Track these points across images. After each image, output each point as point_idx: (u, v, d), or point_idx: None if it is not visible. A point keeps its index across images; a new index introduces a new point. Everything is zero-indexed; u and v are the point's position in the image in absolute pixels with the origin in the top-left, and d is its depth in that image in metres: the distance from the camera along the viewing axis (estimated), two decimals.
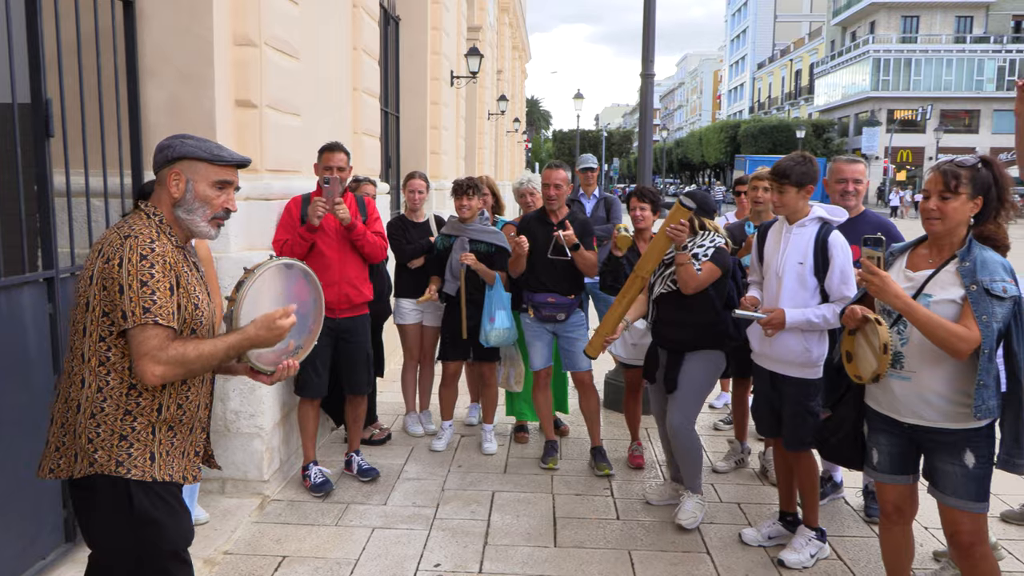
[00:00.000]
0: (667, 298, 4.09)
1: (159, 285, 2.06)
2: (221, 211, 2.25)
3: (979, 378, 2.65)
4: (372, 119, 6.72)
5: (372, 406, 5.35)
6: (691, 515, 4.10)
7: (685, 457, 4.14)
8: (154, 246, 2.08)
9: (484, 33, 16.27)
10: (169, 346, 2.06)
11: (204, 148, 2.21)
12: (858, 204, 4.14)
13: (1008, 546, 3.91)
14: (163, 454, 2.19)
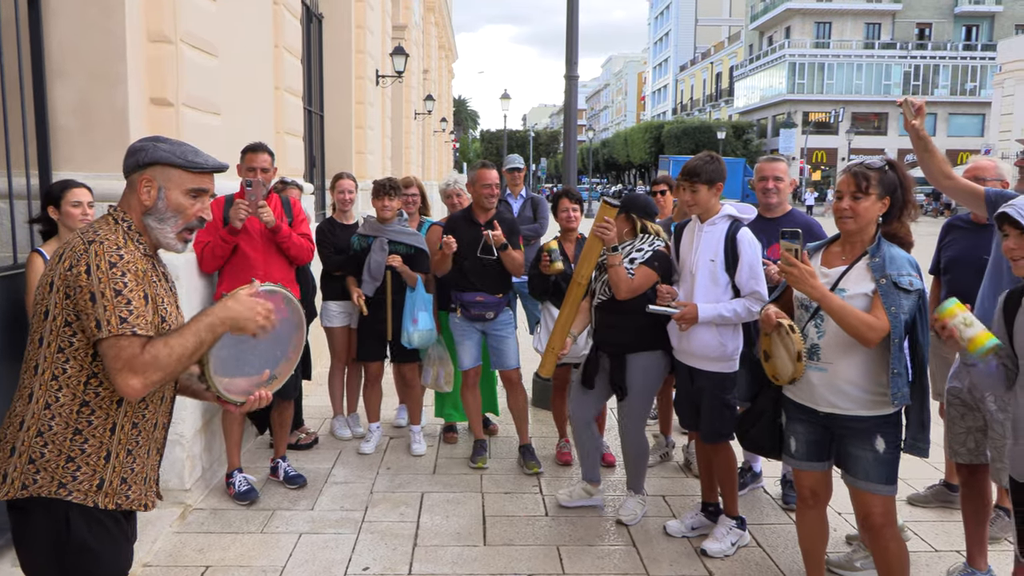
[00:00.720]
0: (607, 302, 4.13)
1: (133, 294, 1.92)
2: (195, 220, 2.09)
3: (892, 367, 2.80)
4: (295, 118, 6.61)
5: (298, 410, 5.26)
6: (632, 512, 4.17)
7: (635, 459, 4.20)
8: (122, 253, 1.94)
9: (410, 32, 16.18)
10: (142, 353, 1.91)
11: (179, 153, 2.05)
12: (781, 202, 4.22)
13: (915, 527, 4.12)
14: (116, 482, 2.03)
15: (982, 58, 51.53)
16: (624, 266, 3.93)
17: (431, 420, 5.79)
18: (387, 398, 5.92)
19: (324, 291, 5.40)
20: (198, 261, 4.29)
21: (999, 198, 3.26)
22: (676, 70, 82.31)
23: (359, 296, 5.01)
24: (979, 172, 4.02)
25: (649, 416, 5.86)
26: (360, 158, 10.30)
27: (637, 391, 4.08)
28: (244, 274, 4.27)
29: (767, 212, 4.19)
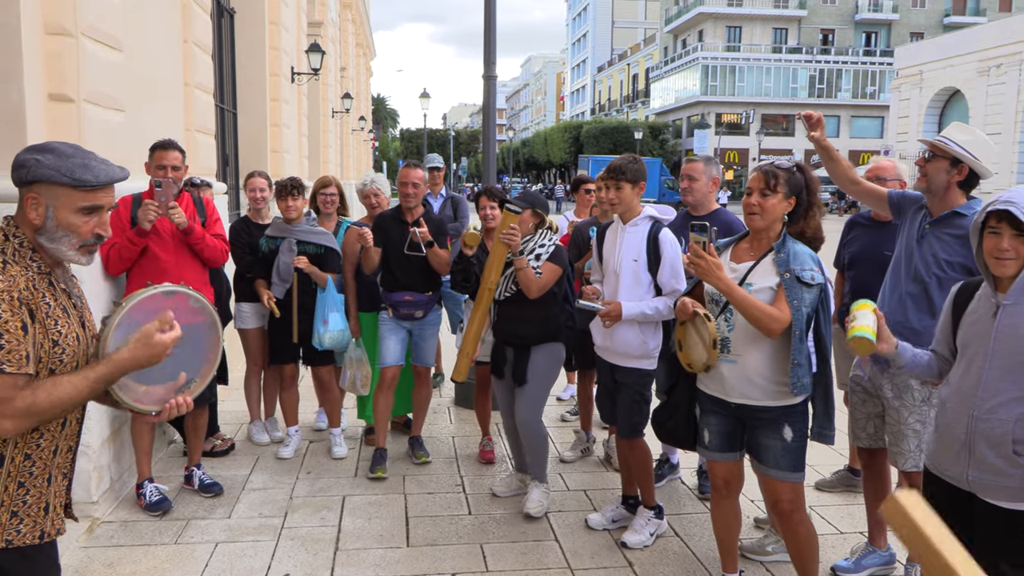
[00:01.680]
0: (512, 297, 4.20)
1: (8, 326, 1.75)
2: (91, 238, 1.93)
3: (793, 358, 2.93)
4: (206, 115, 6.42)
5: (213, 416, 5.11)
6: (538, 503, 4.23)
7: (533, 448, 4.26)
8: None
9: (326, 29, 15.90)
10: (17, 396, 1.75)
11: (64, 170, 1.85)
12: (698, 200, 4.26)
13: (822, 511, 4.31)
14: (4, 517, 1.86)
15: (881, 63, 54.19)
16: (531, 265, 4.03)
17: (352, 422, 5.72)
18: (307, 401, 5.83)
19: (237, 292, 5.26)
20: (103, 263, 4.11)
21: (901, 199, 3.45)
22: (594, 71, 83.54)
23: (269, 298, 4.91)
24: (880, 172, 4.25)
25: (570, 412, 6.00)
26: (276, 157, 10.09)
27: (537, 380, 4.18)
28: (154, 277, 4.12)
29: (692, 210, 4.31)
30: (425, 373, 5.08)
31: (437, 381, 6.83)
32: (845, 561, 3.64)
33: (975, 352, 2.44)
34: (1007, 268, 2.35)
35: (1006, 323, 2.36)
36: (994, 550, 2.43)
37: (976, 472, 2.42)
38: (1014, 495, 2.36)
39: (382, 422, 4.92)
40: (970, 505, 2.48)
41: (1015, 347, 2.34)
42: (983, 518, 2.44)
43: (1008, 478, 2.36)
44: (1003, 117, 32.46)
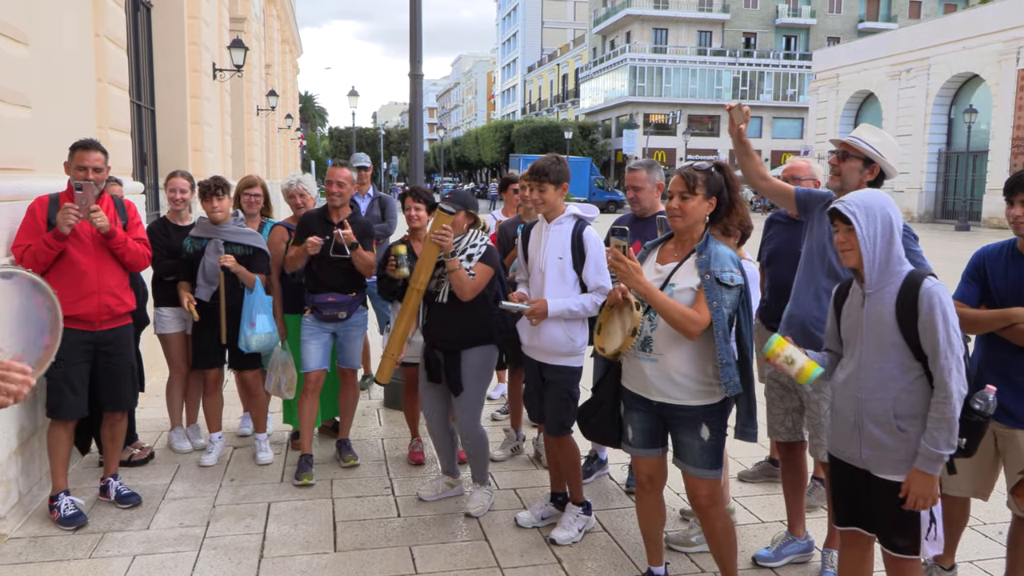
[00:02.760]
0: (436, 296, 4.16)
1: None
2: None
3: (720, 358, 2.99)
4: (121, 113, 6.18)
5: (131, 424, 4.93)
6: (478, 503, 4.23)
7: (475, 453, 4.26)
8: None
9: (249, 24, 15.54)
10: None
11: None
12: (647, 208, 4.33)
13: (744, 502, 4.43)
14: None
15: (800, 66, 56.08)
16: (464, 266, 4.01)
17: (279, 427, 5.60)
18: (231, 406, 5.68)
19: (156, 296, 5.09)
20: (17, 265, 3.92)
21: (807, 196, 3.56)
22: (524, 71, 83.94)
23: (190, 301, 4.77)
24: (795, 172, 4.38)
25: (500, 411, 6.01)
26: (197, 156, 9.80)
27: (472, 385, 4.16)
28: (73, 281, 3.96)
29: (640, 214, 4.37)
30: (351, 375, 5.02)
31: (366, 383, 6.75)
32: (766, 550, 3.75)
33: (853, 340, 2.70)
34: (848, 259, 2.64)
35: (871, 310, 2.62)
36: (887, 524, 2.64)
37: (867, 450, 2.66)
38: (899, 468, 2.59)
39: (307, 427, 4.83)
40: (868, 484, 2.69)
41: (881, 331, 2.59)
42: (877, 494, 2.66)
43: (894, 452, 2.59)
44: (913, 119, 34.00)
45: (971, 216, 30.57)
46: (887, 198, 2.64)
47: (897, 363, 2.57)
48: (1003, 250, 3.15)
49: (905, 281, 2.56)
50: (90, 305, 4.01)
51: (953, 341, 2.49)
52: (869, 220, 2.57)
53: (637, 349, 3.12)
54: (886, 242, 2.57)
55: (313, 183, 5.29)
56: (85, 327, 4.04)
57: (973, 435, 2.59)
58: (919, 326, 2.51)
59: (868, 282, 2.60)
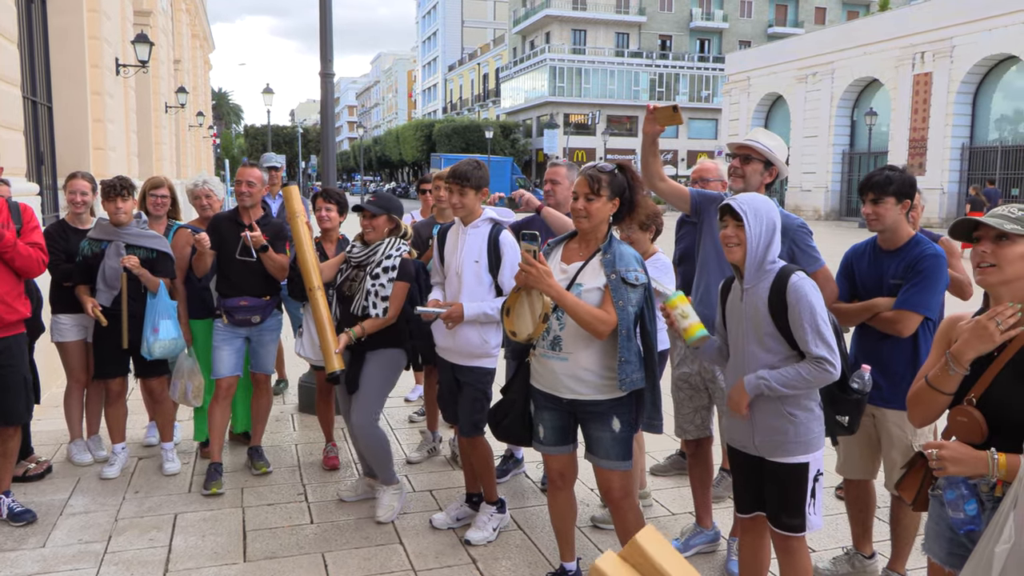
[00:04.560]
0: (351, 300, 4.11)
1: None
2: None
3: (620, 355, 3.05)
4: (12, 109, 5.88)
5: (26, 437, 4.69)
6: (387, 508, 4.19)
7: (373, 453, 4.21)
8: None
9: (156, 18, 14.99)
10: None
11: None
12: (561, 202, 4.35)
13: (656, 495, 4.53)
14: None
15: (714, 69, 57.71)
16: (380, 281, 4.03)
17: (187, 435, 5.43)
18: (136, 415, 5.47)
19: (54, 303, 4.86)
20: None
21: (701, 198, 3.67)
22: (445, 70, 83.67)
23: (93, 306, 4.56)
24: (704, 173, 4.51)
25: (417, 412, 5.98)
26: (100, 155, 9.40)
27: (370, 385, 4.14)
28: None
29: (552, 207, 4.39)
30: (265, 380, 4.91)
31: (280, 388, 6.61)
32: (675, 541, 3.84)
33: (736, 333, 2.86)
34: (732, 254, 2.78)
35: (749, 303, 2.78)
36: (777, 504, 2.81)
37: (760, 437, 2.82)
38: (789, 449, 2.77)
39: (218, 434, 4.69)
40: (762, 469, 2.84)
41: (758, 322, 2.76)
42: (769, 477, 2.82)
43: (784, 435, 2.76)
44: (819, 121, 35.44)
45: None
46: (772, 204, 2.84)
47: (776, 353, 2.74)
48: (867, 247, 3.45)
49: (776, 276, 2.73)
50: None
51: (821, 329, 2.65)
52: (757, 220, 2.73)
53: (547, 349, 3.16)
54: (767, 243, 2.74)
55: (219, 184, 5.14)
56: None
57: (854, 412, 2.85)
58: (789, 317, 2.68)
59: (747, 278, 2.77)
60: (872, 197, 3.26)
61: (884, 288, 3.30)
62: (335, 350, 4.02)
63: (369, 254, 4.12)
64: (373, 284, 4.06)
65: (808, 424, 2.76)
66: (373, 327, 4.06)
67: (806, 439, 2.76)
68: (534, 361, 3.27)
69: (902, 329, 3.22)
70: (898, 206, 3.25)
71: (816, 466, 2.79)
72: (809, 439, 2.77)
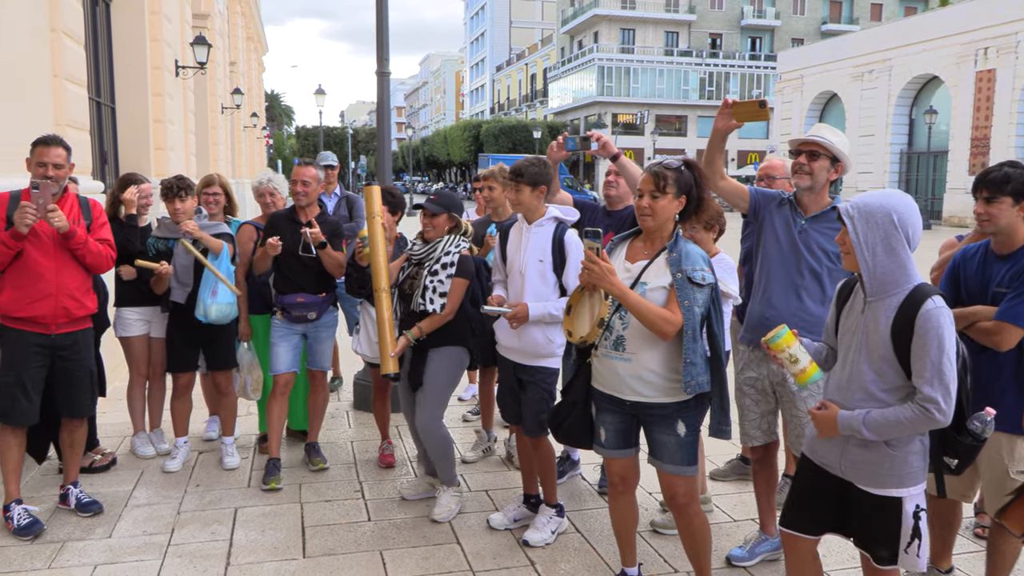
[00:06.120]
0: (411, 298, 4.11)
1: None
2: None
3: (685, 356, 2.97)
4: (79, 110, 6.02)
5: (92, 430, 4.79)
6: (445, 508, 4.17)
7: (436, 453, 4.20)
8: None
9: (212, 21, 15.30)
10: None
11: None
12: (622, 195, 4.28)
13: (716, 500, 4.42)
14: None
15: (765, 67, 56.73)
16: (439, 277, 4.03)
17: (245, 431, 5.49)
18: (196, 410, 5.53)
19: (119, 297, 4.96)
20: None
21: (760, 196, 3.57)
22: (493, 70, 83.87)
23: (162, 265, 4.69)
24: (770, 171, 4.40)
25: (472, 412, 5.96)
26: (160, 154, 9.61)
27: (434, 384, 4.13)
28: (31, 282, 3.83)
29: (610, 206, 4.35)
30: (321, 377, 4.93)
31: (335, 385, 6.66)
32: (739, 549, 3.74)
33: (848, 346, 2.60)
34: (845, 262, 2.57)
35: (870, 318, 2.51)
36: (869, 536, 2.57)
37: (850, 462, 2.57)
38: (881, 481, 2.51)
39: (276, 430, 4.73)
40: (844, 492, 2.61)
41: (876, 342, 2.48)
42: (857, 505, 2.57)
43: (875, 465, 2.51)
44: (875, 120, 34.58)
45: (932, 215, 31.16)
46: (900, 201, 2.47)
47: (888, 379, 2.47)
48: (979, 250, 3.17)
49: (908, 297, 2.42)
50: (46, 307, 3.88)
51: (944, 369, 2.36)
52: (869, 225, 2.45)
53: (609, 349, 3.09)
54: (888, 250, 2.43)
55: (284, 182, 5.20)
56: (41, 330, 3.91)
57: (966, 456, 2.54)
58: (912, 346, 2.39)
59: (868, 290, 2.49)
60: (985, 195, 3.00)
61: (988, 296, 3.04)
62: (392, 353, 4.02)
63: (429, 251, 4.12)
64: (431, 280, 4.05)
65: (907, 458, 2.49)
66: (430, 326, 4.05)
67: (902, 472, 2.49)
68: (596, 362, 3.21)
69: (1000, 342, 2.96)
70: (1015, 207, 2.97)
71: (914, 502, 2.50)
72: (906, 473, 2.49)
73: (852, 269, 2.56)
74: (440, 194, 4.22)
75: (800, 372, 2.64)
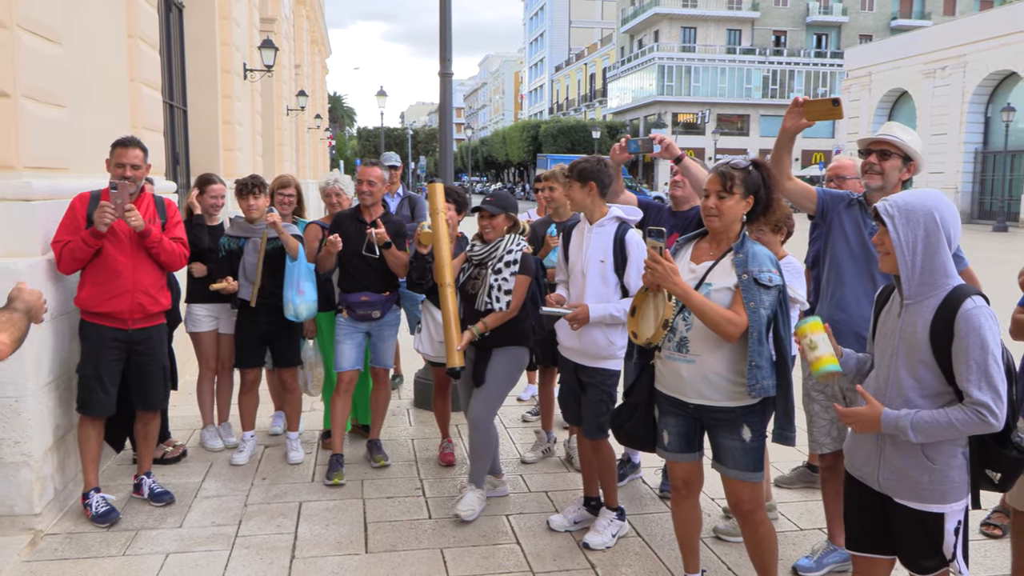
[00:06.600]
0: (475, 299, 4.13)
1: None
2: None
3: (751, 359, 2.90)
4: (153, 112, 6.22)
5: (164, 422, 4.95)
6: (469, 507, 4.11)
7: (479, 450, 4.20)
8: None
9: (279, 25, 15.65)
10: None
11: None
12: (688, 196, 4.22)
13: (781, 508, 4.32)
14: None
15: (831, 65, 55.28)
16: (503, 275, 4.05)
17: (309, 426, 5.60)
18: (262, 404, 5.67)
19: (190, 293, 5.12)
20: (56, 261, 3.96)
21: (830, 197, 3.47)
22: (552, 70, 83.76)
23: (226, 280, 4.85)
24: (840, 171, 4.28)
25: (531, 412, 5.95)
26: (228, 155, 9.86)
27: (496, 382, 4.14)
28: (109, 279, 3.99)
29: (676, 206, 4.31)
30: (383, 375, 4.99)
31: (396, 383, 6.73)
32: (806, 559, 3.65)
33: (884, 350, 2.49)
34: (883, 263, 2.46)
35: (907, 321, 2.41)
36: (913, 550, 2.46)
37: (888, 473, 2.46)
38: (921, 495, 2.40)
39: (339, 427, 4.80)
40: (882, 504, 2.51)
41: (914, 345, 2.38)
42: (899, 519, 2.47)
43: (914, 479, 2.39)
44: (948, 118, 33.37)
45: (1009, 216, 29.92)
46: (941, 201, 2.39)
47: (928, 385, 2.36)
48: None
49: (947, 296, 2.33)
50: (123, 303, 4.02)
51: (990, 370, 2.25)
52: (909, 224, 2.37)
53: (672, 351, 3.05)
54: (928, 250, 2.35)
55: (350, 183, 5.28)
56: (118, 325, 4.06)
57: (1010, 471, 2.38)
58: (953, 349, 2.29)
59: (906, 292, 2.39)
60: None
61: None
62: (457, 347, 4.03)
63: (490, 251, 4.13)
64: (495, 279, 4.07)
65: (947, 472, 2.37)
66: (495, 321, 4.07)
67: (943, 488, 2.37)
68: (659, 363, 3.16)
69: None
70: None
71: (956, 519, 2.39)
72: (947, 488, 2.37)
73: (890, 271, 2.46)
74: (496, 195, 4.24)
75: (816, 360, 2.51)
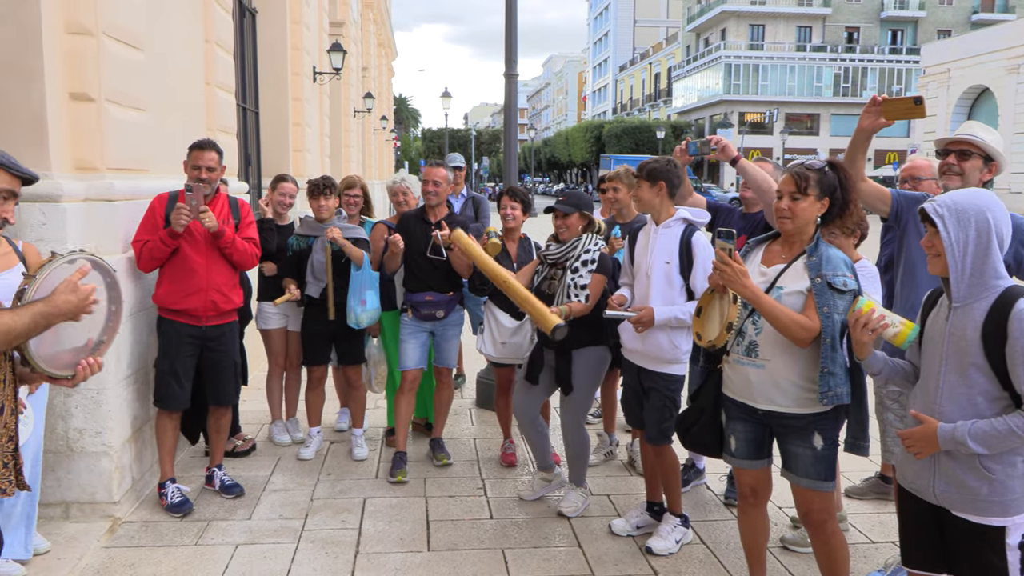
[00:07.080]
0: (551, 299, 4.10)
1: None
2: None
3: (822, 365, 2.82)
4: (228, 115, 6.41)
5: (235, 416, 5.09)
6: (572, 504, 4.21)
7: (576, 453, 4.24)
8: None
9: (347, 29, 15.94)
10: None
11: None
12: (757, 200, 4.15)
13: (852, 519, 4.19)
14: None
15: (907, 61, 53.46)
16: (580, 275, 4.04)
17: (373, 423, 5.68)
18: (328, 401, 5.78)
19: (260, 292, 5.25)
20: (136, 259, 4.13)
21: (904, 199, 3.35)
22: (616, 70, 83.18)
23: (290, 290, 4.94)
24: (915, 172, 4.13)
25: (593, 415, 5.91)
26: (298, 156, 10.09)
27: (582, 386, 4.11)
28: (184, 277, 4.14)
29: (747, 208, 4.26)
30: (447, 374, 5.03)
31: (459, 383, 6.78)
32: (878, 573, 3.54)
33: (932, 356, 2.41)
34: (933, 265, 2.39)
35: (956, 325, 2.33)
36: (972, 567, 2.35)
37: (943, 485, 2.36)
38: (980, 508, 2.30)
39: (403, 425, 4.86)
40: (938, 517, 2.41)
41: (964, 349, 2.30)
42: (954, 532, 2.37)
43: (973, 492, 2.29)
44: None
45: None
46: (992, 200, 2.32)
47: (982, 389, 2.27)
48: None
49: (999, 297, 2.25)
50: (198, 301, 4.15)
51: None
52: (960, 225, 2.29)
53: (741, 354, 2.98)
54: (980, 251, 2.27)
55: (416, 183, 5.34)
56: (193, 322, 4.20)
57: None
58: (1007, 351, 2.21)
59: (955, 294, 2.32)
60: None
61: None
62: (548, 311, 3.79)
63: (567, 251, 4.11)
64: (573, 278, 4.05)
65: (1008, 483, 2.27)
66: (580, 310, 4.00)
67: (1004, 500, 2.27)
68: (727, 368, 3.10)
69: None
70: None
71: (1019, 532, 2.27)
72: (1008, 500, 2.27)
73: (939, 273, 2.37)
74: (569, 194, 4.21)
75: (896, 334, 2.45)
